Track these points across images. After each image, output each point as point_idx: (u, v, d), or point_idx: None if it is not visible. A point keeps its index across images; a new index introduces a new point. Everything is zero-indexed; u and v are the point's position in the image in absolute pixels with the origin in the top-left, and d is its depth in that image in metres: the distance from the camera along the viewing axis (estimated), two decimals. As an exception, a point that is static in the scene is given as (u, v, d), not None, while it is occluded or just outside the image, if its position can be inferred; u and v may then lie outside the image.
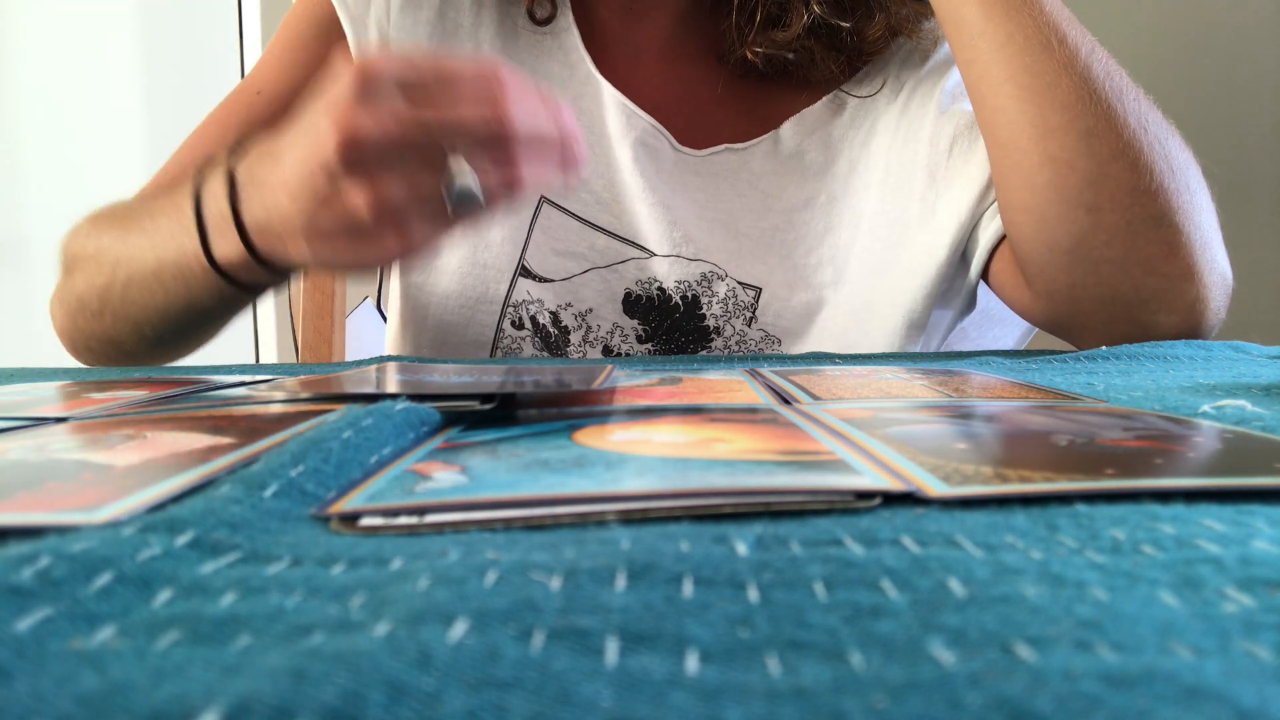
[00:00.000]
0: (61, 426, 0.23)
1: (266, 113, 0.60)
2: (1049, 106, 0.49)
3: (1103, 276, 0.50)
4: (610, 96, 0.64)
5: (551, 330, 0.63)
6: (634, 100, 0.64)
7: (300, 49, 0.62)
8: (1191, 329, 0.49)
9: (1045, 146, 0.49)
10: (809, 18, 0.61)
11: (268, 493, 0.15)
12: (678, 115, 0.65)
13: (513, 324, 0.62)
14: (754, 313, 0.62)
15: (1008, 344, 0.76)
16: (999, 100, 0.51)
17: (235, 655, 0.09)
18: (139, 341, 0.53)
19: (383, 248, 0.38)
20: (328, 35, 0.62)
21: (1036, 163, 0.50)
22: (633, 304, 0.63)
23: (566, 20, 0.65)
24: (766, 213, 0.64)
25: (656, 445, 0.19)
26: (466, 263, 0.62)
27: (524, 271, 0.62)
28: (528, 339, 0.63)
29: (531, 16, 0.65)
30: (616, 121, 0.63)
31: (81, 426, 0.22)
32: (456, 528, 0.13)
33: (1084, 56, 0.49)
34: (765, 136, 0.65)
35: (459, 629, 0.09)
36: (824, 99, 0.65)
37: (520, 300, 0.62)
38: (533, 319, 0.62)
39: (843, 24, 0.61)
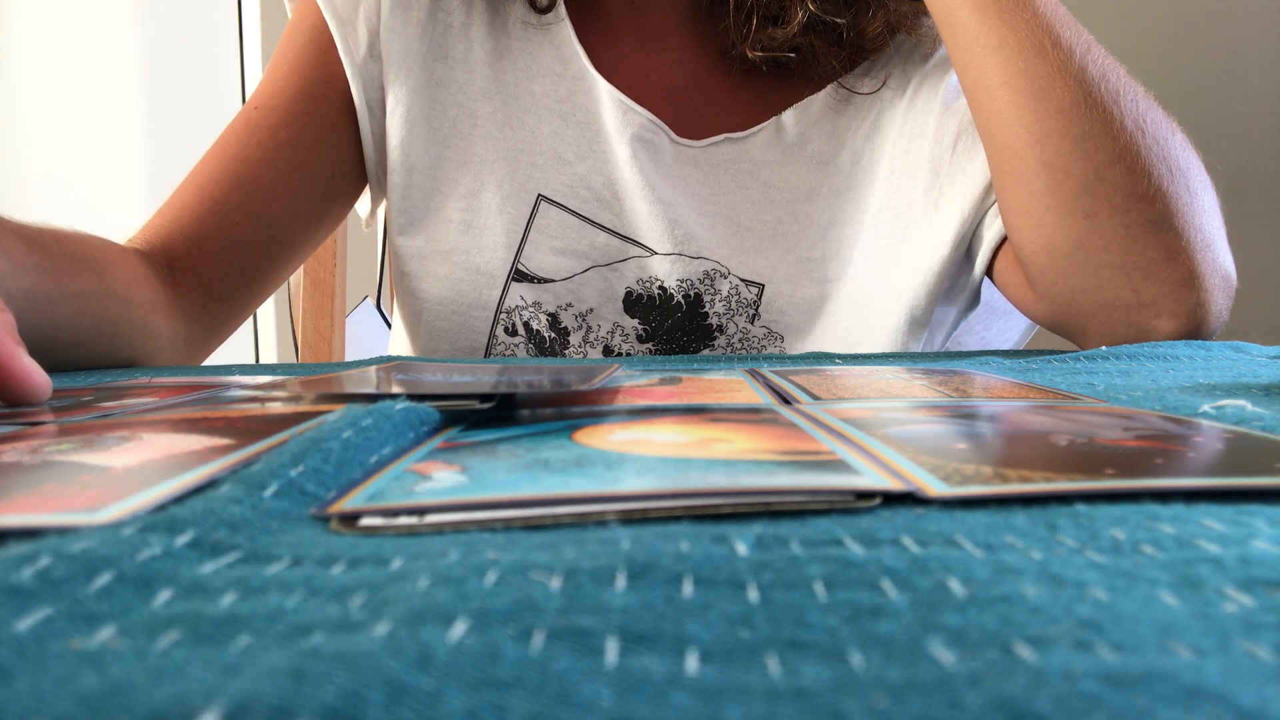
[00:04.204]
0: (54, 428, 0.23)
1: (263, 125, 0.60)
2: (1044, 111, 0.49)
3: (1102, 280, 0.50)
4: (606, 92, 0.63)
5: (547, 335, 0.62)
6: (632, 93, 0.64)
7: (295, 58, 0.62)
8: (1192, 332, 0.49)
9: (1041, 151, 0.49)
10: (804, 15, 0.61)
11: (268, 493, 0.15)
12: (677, 107, 0.65)
13: (506, 330, 0.62)
14: (757, 310, 0.62)
15: (1013, 337, 0.76)
16: (995, 104, 0.51)
17: (235, 655, 0.09)
18: None
19: None
20: (319, 42, 0.62)
21: (1033, 168, 0.50)
22: (633, 303, 0.63)
23: (559, 14, 0.65)
24: (769, 204, 0.64)
25: (656, 445, 0.19)
26: (458, 269, 0.62)
27: (518, 275, 0.62)
28: (521, 345, 0.62)
29: (533, 5, 0.65)
30: (613, 117, 0.63)
31: (75, 428, 0.22)
32: (456, 528, 0.13)
33: (1079, 59, 0.48)
34: (766, 124, 0.65)
35: (459, 629, 0.09)
36: (827, 90, 0.65)
37: (513, 306, 0.62)
38: (526, 325, 0.62)
39: (839, 20, 0.61)
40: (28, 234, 0.45)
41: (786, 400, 0.27)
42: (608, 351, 0.63)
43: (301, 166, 0.61)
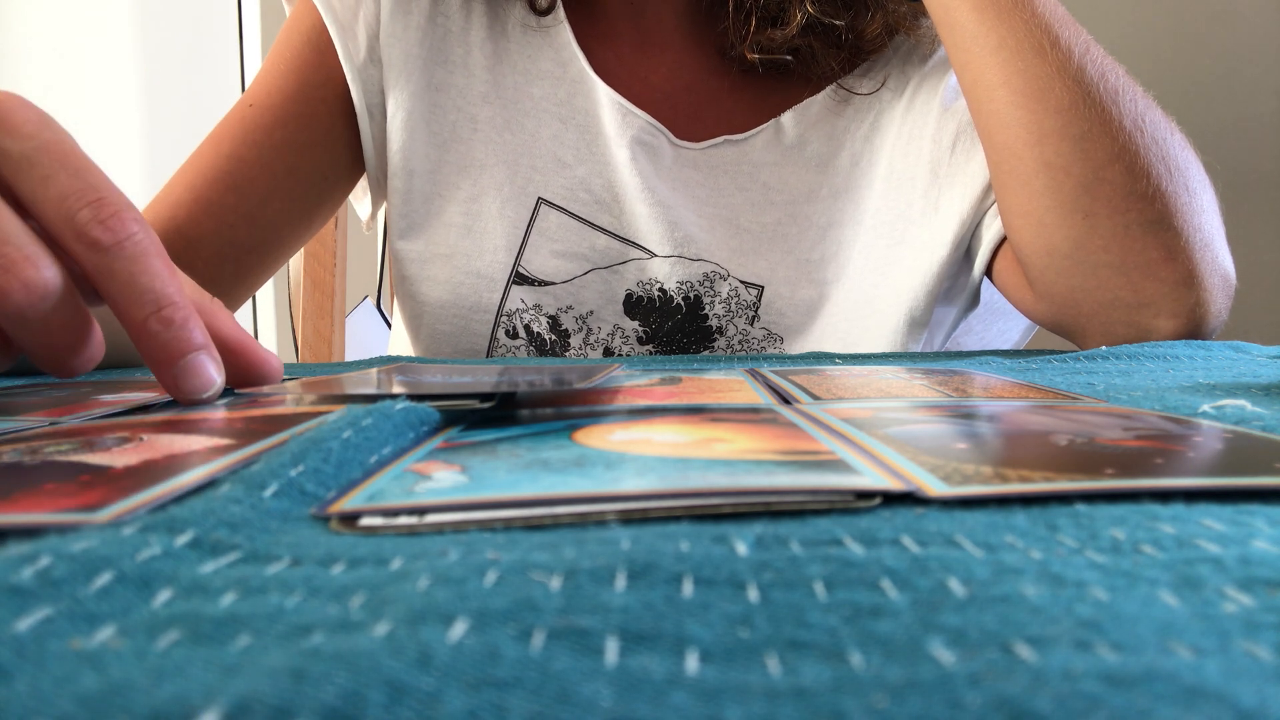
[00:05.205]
0: (54, 429, 0.23)
1: (259, 124, 0.60)
2: (1043, 111, 0.49)
3: (1101, 280, 0.50)
4: (605, 95, 0.63)
5: (547, 337, 0.62)
6: (632, 95, 0.64)
7: (292, 58, 0.62)
8: (1192, 332, 0.50)
9: (1040, 152, 0.49)
10: (803, 16, 0.61)
11: (268, 493, 0.15)
12: (677, 109, 0.65)
13: (506, 333, 0.62)
14: (756, 311, 0.62)
15: (1013, 337, 0.76)
16: (994, 105, 0.51)
17: (235, 655, 0.09)
18: None
19: None
20: (318, 43, 0.62)
21: (1032, 168, 0.50)
22: (633, 305, 0.63)
23: (558, 16, 0.65)
24: (768, 206, 0.64)
25: (656, 445, 0.19)
26: (459, 272, 0.62)
27: (519, 278, 0.62)
28: (522, 348, 0.63)
29: (533, 7, 0.65)
30: (613, 120, 0.63)
31: (75, 429, 0.22)
32: (456, 528, 0.13)
33: (1078, 59, 0.48)
34: (766, 125, 0.65)
35: (459, 629, 0.09)
36: (826, 91, 0.65)
37: (514, 309, 0.62)
38: (527, 327, 0.62)
39: (837, 22, 0.61)
40: None
41: (786, 400, 0.27)
42: (608, 353, 0.63)
43: (296, 169, 0.61)
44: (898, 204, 0.62)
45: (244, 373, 0.31)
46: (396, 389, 0.26)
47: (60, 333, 0.28)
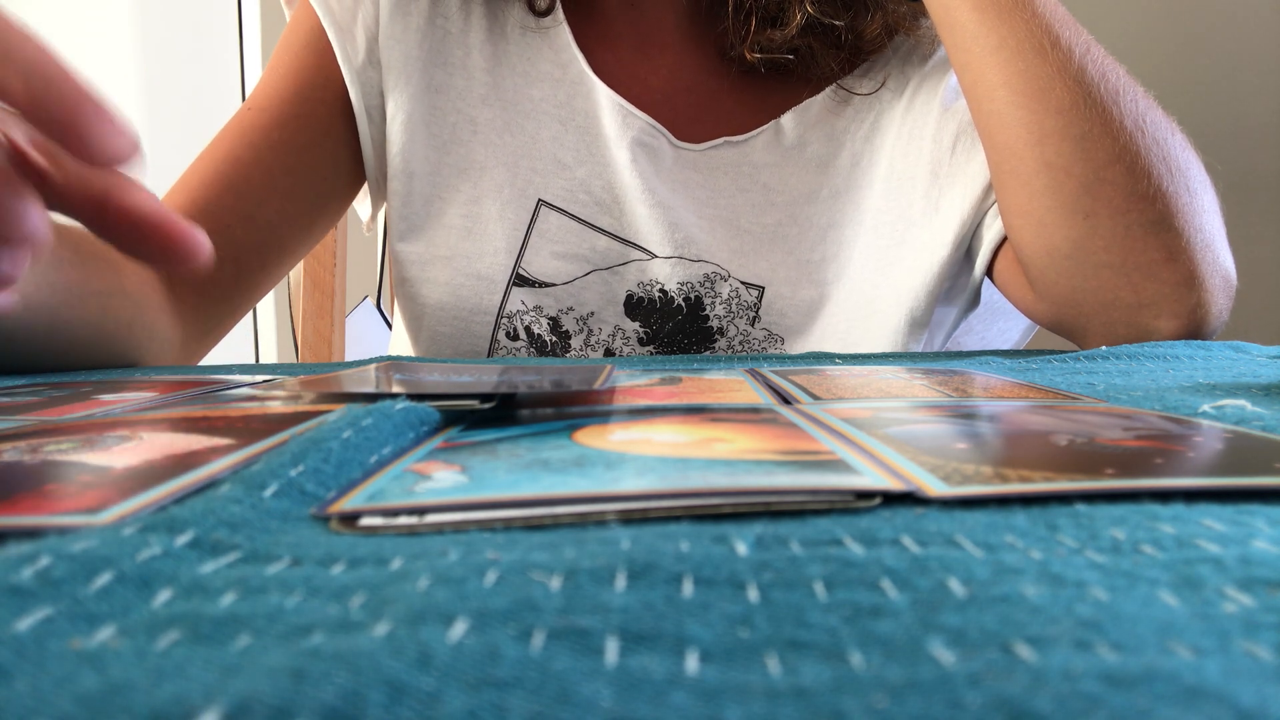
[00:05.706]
0: (54, 425, 0.23)
1: (256, 126, 0.60)
2: (1044, 112, 0.49)
3: (1102, 281, 0.50)
4: (605, 96, 0.63)
5: (548, 339, 0.62)
6: (631, 96, 0.64)
7: (291, 61, 0.62)
8: (1193, 332, 0.50)
9: (1041, 152, 0.49)
10: (803, 16, 0.61)
11: (268, 493, 0.15)
12: (677, 110, 0.65)
13: (507, 335, 0.62)
14: (757, 312, 0.62)
15: (1013, 337, 0.76)
16: (994, 105, 0.51)
17: (235, 655, 0.09)
18: None
19: None
20: (317, 46, 0.62)
21: (1033, 168, 0.50)
22: (634, 306, 0.63)
23: (558, 17, 0.65)
24: (769, 207, 0.64)
25: (656, 445, 0.19)
26: (459, 274, 0.62)
27: (519, 280, 0.62)
28: (523, 349, 0.63)
29: (532, 8, 0.65)
30: (613, 121, 0.63)
31: (75, 427, 0.22)
32: (456, 528, 0.13)
33: (1078, 59, 0.48)
34: (766, 127, 0.65)
35: (459, 629, 0.09)
36: (826, 92, 0.65)
37: (514, 311, 0.62)
38: (527, 329, 0.62)
39: (837, 22, 0.61)
40: (58, 226, 0.45)
41: (786, 400, 0.27)
42: (609, 354, 0.63)
43: (294, 169, 0.61)
44: (898, 204, 0.62)
45: (166, 247, 0.28)
46: (396, 389, 0.26)
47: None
